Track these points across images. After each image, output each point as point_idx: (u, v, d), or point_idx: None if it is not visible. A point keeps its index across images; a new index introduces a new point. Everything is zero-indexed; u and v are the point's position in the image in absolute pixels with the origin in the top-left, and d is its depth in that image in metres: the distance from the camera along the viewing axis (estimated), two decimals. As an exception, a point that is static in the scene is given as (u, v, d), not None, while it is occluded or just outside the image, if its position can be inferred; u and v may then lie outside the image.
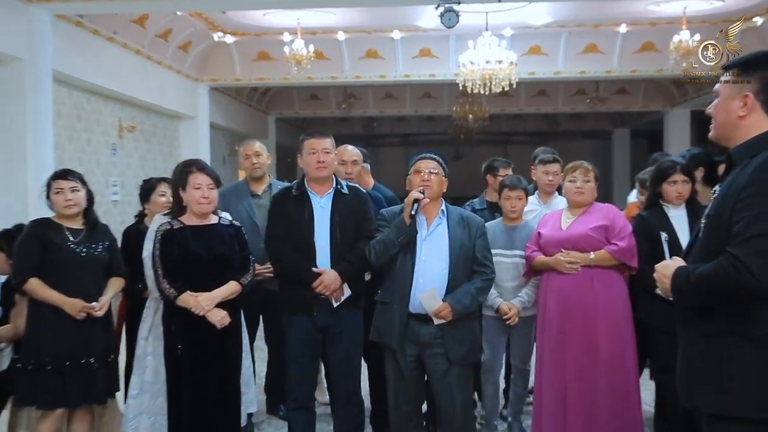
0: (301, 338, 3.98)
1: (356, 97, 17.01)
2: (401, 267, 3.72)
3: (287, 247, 3.96)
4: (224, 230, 3.92)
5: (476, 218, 3.93)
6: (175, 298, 3.72)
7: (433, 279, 3.70)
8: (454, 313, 3.66)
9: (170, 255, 3.74)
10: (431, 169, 3.77)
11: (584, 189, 4.19)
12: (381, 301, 3.83)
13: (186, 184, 3.82)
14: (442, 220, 3.80)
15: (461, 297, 3.70)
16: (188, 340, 3.75)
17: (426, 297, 3.66)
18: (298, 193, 4.04)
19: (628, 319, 4.05)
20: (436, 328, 3.69)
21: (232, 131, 15.12)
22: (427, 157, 3.84)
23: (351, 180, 4.69)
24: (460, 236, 3.77)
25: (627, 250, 4.01)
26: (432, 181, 3.75)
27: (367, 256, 3.80)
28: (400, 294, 3.71)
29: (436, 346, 3.72)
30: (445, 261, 3.73)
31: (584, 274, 4.04)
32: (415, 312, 3.71)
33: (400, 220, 3.70)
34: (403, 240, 3.69)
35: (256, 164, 4.95)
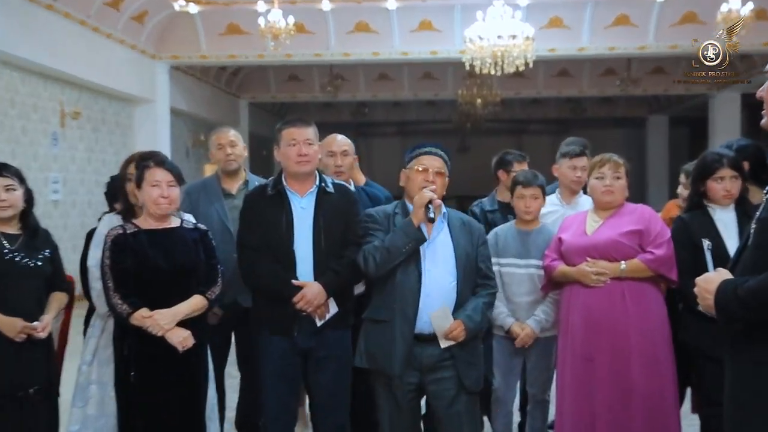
0: (279, 363, 3.98)
1: (344, 78, 17.04)
2: (403, 279, 3.72)
3: (262, 257, 3.96)
4: (187, 235, 3.92)
5: (476, 222, 3.99)
6: (129, 316, 3.71)
7: (442, 294, 3.72)
8: (468, 332, 3.70)
9: (123, 264, 3.73)
10: (437, 168, 3.80)
11: (614, 187, 4.20)
12: (374, 319, 3.83)
13: (142, 181, 3.83)
14: (443, 225, 3.83)
15: (473, 314, 3.73)
16: (143, 365, 3.74)
17: (438, 316, 3.68)
18: (274, 192, 4.04)
19: (666, 342, 4.06)
20: (441, 349, 3.72)
21: (197, 118, 15.13)
22: (432, 153, 3.86)
23: (341, 175, 4.70)
24: (464, 244, 3.81)
25: (665, 259, 4.02)
26: (437, 184, 3.78)
27: (361, 264, 3.79)
28: (402, 312, 3.71)
29: (443, 370, 3.74)
30: (452, 273, 3.76)
31: (613, 288, 4.05)
32: (418, 332, 3.72)
33: (407, 223, 3.70)
34: (411, 248, 3.70)
35: (230, 156, 4.93)
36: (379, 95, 18.02)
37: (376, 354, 3.79)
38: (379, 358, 3.77)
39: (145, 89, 12.07)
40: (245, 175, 5.01)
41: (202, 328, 3.92)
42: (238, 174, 4.99)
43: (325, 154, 4.75)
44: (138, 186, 3.86)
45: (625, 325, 4.00)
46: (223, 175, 4.98)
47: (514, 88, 17.11)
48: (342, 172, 4.73)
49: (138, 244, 3.78)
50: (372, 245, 3.75)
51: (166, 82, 12.56)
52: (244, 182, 4.94)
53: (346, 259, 3.96)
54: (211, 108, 15.56)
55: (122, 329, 3.80)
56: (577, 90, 17.44)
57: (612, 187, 4.21)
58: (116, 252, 3.76)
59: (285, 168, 4.07)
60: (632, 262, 4.04)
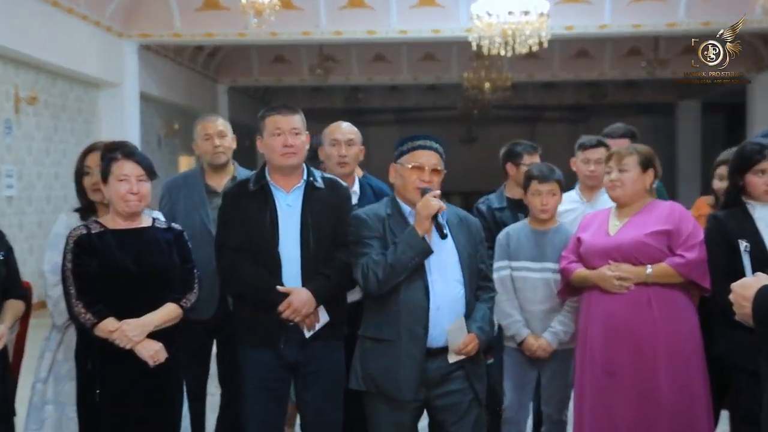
0: (263, 379, 3.99)
1: (336, 59, 17.05)
2: (409, 295, 3.73)
3: (243, 259, 3.98)
4: (160, 236, 3.92)
5: (472, 217, 4.03)
6: (93, 327, 3.70)
7: (452, 306, 3.76)
8: (480, 345, 3.79)
9: (86, 268, 3.74)
10: (434, 166, 3.82)
11: (622, 180, 4.21)
12: (374, 338, 3.84)
13: (108, 175, 3.83)
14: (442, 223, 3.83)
15: (483, 325, 3.82)
16: (109, 382, 3.74)
17: (454, 330, 3.73)
18: (257, 187, 4.05)
19: (698, 355, 4.07)
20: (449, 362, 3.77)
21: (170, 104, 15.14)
22: (427, 147, 3.86)
23: (345, 167, 4.71)
24: (465, 244, 3.84)
25: (696, 263, 4.02)
26: (434, 183, 3.80)
27: (360, 280, 3.80)
28: (410, 330, 3.72)
29: (452, 382, 3.78)
30: (459, 280, 3.79)
31: (638, 295, 4.05)
32: (427, 347, 3.75)
33: (411, 235, 3.70)
34: (417, 263, 3.71)
35: (219, 148, 4.90)
36: (374, 79, 18.03)
37: (377, 376, 3.79)
38: (381, 380, 3.78)
39: (110, 71, 12.06)
40: (234, 170, 4.99)
41: (176, 340, 3.93)
42: (226, 169, 4.97)
43: (328, 143, 4.77)
44: (104, 181, 3.85)
45: (651, 336, 4.01)
46: (209, 169, 4.95)
47: (527, 70, 17.13)
48: (346, 163, 4.74)
49: (104, 245, 3.78)
50: (371, 259, 3.74)
51: (134, 64, 12.55)
52: (232, 178, 4.92)
53: (338, 262, 3.97)
54: (185, 93, 15.55)
55: (86, 342, 3.80)
56: (598, 73, 17.47)
57: (617, 181, 4.22)
58: (79, 255, 3.76)
59: (269, 161, 4.08)
60: (660, 266, 4.04)
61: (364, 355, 3.86)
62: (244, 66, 17.52)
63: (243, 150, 19.70)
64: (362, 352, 3.87)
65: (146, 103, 13.61)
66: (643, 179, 4.21)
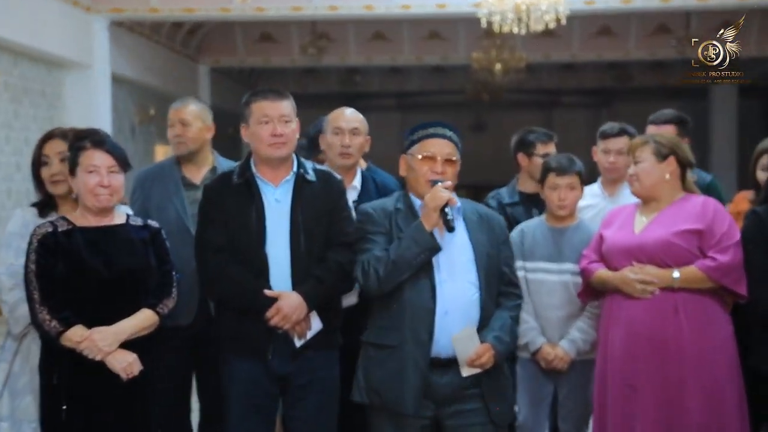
0: (248, 393, 4.01)
1: (330, 38, 17.04)
2: (413, 295, 3.74)
3: (226, 261, 3.99)
4: (135, 234, 3.94)
5: (496, 215, 4.02)
6: (59, 335, 3.71)
7: (462, 310, 3.75)
8: (497, 357, 3.73)
9: (52, 271, 3.75)
10: (447, 156, 3.81)
11: (637, 173, 4.22)
12: (378, 344, 3.85)
13: (76, 166, 3.85)
14: (459, 220, 3.84)
15: (502, 334, 3.77)
16: (78, 397, 3.75)
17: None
18: (241, 180, 4.07)
19: (731, 368, 4.07)
20: (462, 377, 3.75)
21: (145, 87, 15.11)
22: (440, 135, 3.87)
23: (349, 158, 4.75)
24: (485, 243, 3.83)
25: (730, 267, 4.02)
26: (448, 175, 3.80)
27: (360, 278, 3.81)
28: (415, 335, 3.72)
29: (466, 401, 3.76)
30: (474, 282, 3.78)
31: (664, 301, 4.06)
32: (434, 357, 3.74)
33: (417, 229, 3.71)
34: (423, 260, 3.71)
35: (179, 138, 4.91)
36: (373, 59, 17.99)
37: (380, 387, 3.80)
38: (385, 391, 3.78)
39: (78, 50, 12.02)
40: (213, 161, 5.00)
41: (152, 351, 3.94)
42: (202, 159, 4.95)
43: (331, 132, 4.79)
44: (71, 172, 3.87)
45: (678, 346, 4.02)
46: (184, 160, 4.97)
47: (543, 50, 17.09)
48: (350, 154, 4.76)
49: (72, 245, 3.78)
50: (373, 255, 3.76)
51: (105, 42, 12.50)
52: (212, 170, 4.93)
53: (332, 263, 3.99)
54: (162, 75, 15.51)
55: (51, 352, 3.81)
56: (622, 53, 17.42)
57: (633, 175, 4.24)
58: (44, 255, 3.76)
59: (255, 151, 4.09)
60: (688, 270, 4.04)
61: (368, 364, 3.87)
62: (228, 45, 17.48)
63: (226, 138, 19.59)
64: (365, 360, 3.89)
65: (118, 86, 13.57)
66: (661, 170, 4.19)
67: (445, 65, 19.49)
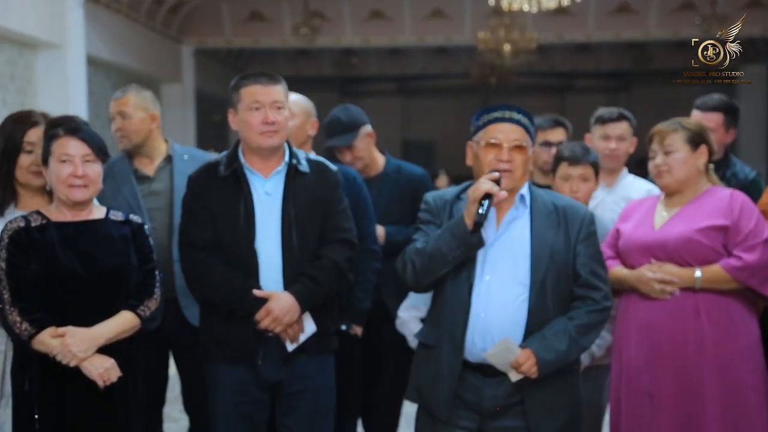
0: (236, 402, 4.03)
1: (325, 16, 17.04)
2: (452, 292, 3.70)
3: (213, 259, 4.01)
4: (115, 230, 3.93)
5: (580, 208, 3.85)
6: (31, 339, 3.72)
7: (503, 311, 3.65)
8: (541, 366, 3.59)
9: (23, 270, 3.76)
10: (515, 142, 3.70)
11: (668, 164, 4.19)
12: (423, 343, 3.86)
13: (49, 156, 3.86)
14: (522, 212, 3.75)
15: (553, 340, 3.62)
16: (51, 406, 3.76)
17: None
18: (229, 172, 4.08)
19: (758, 376, 4.06)
20: (511, 387, 3.67)
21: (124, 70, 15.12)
22: (507, 119, 3.74)
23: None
24: (551, 239, 3.71)
25: (757, 266, 4.01)
26: (515, 163, 3.68)
27: (400, 271, 3.78)
28: (450, 335, 3.69)
29: (511, 417, 3.69)
30: (524, 282, 3.67)
31: (685, 303, 4.06)
32: (475, 362, 3.69)
33: (457, 222, 3.64)
34: (461, 256, 3.64)
35: (121, 131, 4.92)
36: (371, 40, 17.99)
37: (422, 388, 3.81)
38: (426, 394, 3.78)
39: (50, 30, 11.99)
40: (166, 149, 4.97)
41: (133, 356, 3.95)
42: (152, 150, 4.93)
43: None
44: (44, 162, 3.87)
45: (699, 352, 4.02)
46: (133, 153, 4.95)
47: (555, 29, 17.11)
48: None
49: (46, 242, 3.79)
50: (414, 247, 3.72)
51: (79, 21, 12.47)
52: (166, 158, 4.93)
53: (326, 261, 4.02)
54: (142, 57, 15.52)
55: (23, 357, 3.81)
56: (642, 32, 17.44)
57: (663, 165, 4.20)
58: (15, 253, 3.77)
59: (244, 140, 4.10)
60: (711, 269, 4.03)
61: (416, 363, 3.89)
62: (214, 24, 17.48)
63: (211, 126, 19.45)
64: (417, 359, 3.90)
65: (95, 69, 13.58)
66: (695, 159, 4.18)
67: (449, 46, 19.51)
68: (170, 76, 16.86)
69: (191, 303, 4.42)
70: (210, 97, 18.00)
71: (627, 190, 4.92)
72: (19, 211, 4.03)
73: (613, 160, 5.12)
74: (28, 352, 3.75)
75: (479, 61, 18.67)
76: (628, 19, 17.16)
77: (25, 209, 4.01)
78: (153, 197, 4.78)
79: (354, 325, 4.81)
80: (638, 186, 5.14)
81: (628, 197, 5.01)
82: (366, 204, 4.82)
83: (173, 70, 16.97)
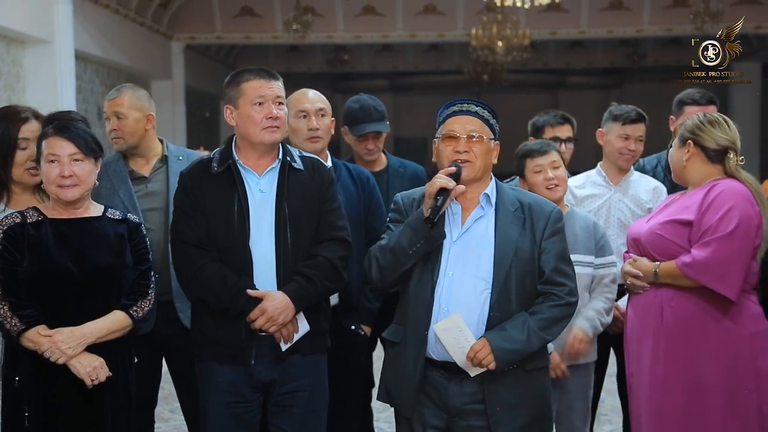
0: (228, 402, 4.03)
1: (316, 12, 17.03)
2: (417, 288, 3.74)
3: (206, 257, 4.00)
4: (111, 228, 3.93)
5: (547, 205, 3.87)
6: (21, 334, 3.73)
7: (467, 307, 3.68)
8: (498, 356, 3.59)
9: (17, 265, 3.78)
10: (472, 132, 3.75)
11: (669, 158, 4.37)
12: (390, 341, 3.87)
13: (41, 156, 3.86)
14: (487, 210, 3.79)
15: (511, 331, 3.63)
16: (39, 403, 3.77)
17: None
18: (222, 169, 4.06)
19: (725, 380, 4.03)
20: (476, 386, 3.69)
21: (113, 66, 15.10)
22: (464, 112, 3.82)
23: (319, 141, 4.80)
24: (516, 236, 3.74)
25: (707, 264, 3.97)
26: (473, 154, 3.73)
27: (366, 268, 3.82)
28: (414, 331, 3.73)
29: (472, 415, 3.71)
30: (487, 278, 3.70)
31: (652, 298, 4.14)
32: (440, 359, 3.71)
33: (416, 217, 3.69)
34: (422, 249, 3.67)
35: (116, 132, 4.89)
36: (363, 36, 18.00)
37: (390, 387, 3.83)
38: (394, 392, 3.81)
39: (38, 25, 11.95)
40: (162, 150, 4.97)
41: (124, 356, 3.95)
42: (148, 150, 4.91)
43: (294, 115, 4.80)
44: (37, 161, 3.89)
45: (667, 348, 4.07)
46: (128, 153, 4.93)
47: (549, 25, 17.13)
48: (319, 137, 4.82)
49: (40, 238, 3.81)
50: (379, 244, 3.77)
51: (68, 16, 12.43)
52: (161, 159, 4.92)
53: (321, 260, 4.01)
54: (132, 53, 15.49)
55: (14, 353, 3.82)
56: (635, 28, 17.47)
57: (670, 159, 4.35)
58: (8, 248, 3.78)
59: (243, 135, 4.07)
60: (667, 265, 4.09)
61: (385, 363, 3.90)
62: (205, 20, 17.47)
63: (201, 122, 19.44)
64: (385, 358, 3.92)
65: (83, 65, 13.57)
66: (681, 155, 4.23)
67: (441, 42, 19.53)
68: (160, 72, 16.84)
69: (187, 306, 4.39)
70: (200, 94, 17.98)
71: (635, 188, 4.94)
72: (11, 209, 4.04)
73: (629, 161, 5.17)
74: (18, 348, 3.76)
75: (472, 57, 18.70)
76: (620, 15, 17.19)
77: (17, 207, 4.02)
78: (148, 198, 4.77)
79: (363, 325, 4.85)
80: (646, 183, 5.19)
81: (636, 196, 5.09)
82: (379, 204, 4.90)
83: (163, 66, 16.95)
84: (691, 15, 16.32)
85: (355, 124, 5.20)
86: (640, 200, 5.09)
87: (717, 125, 4.19)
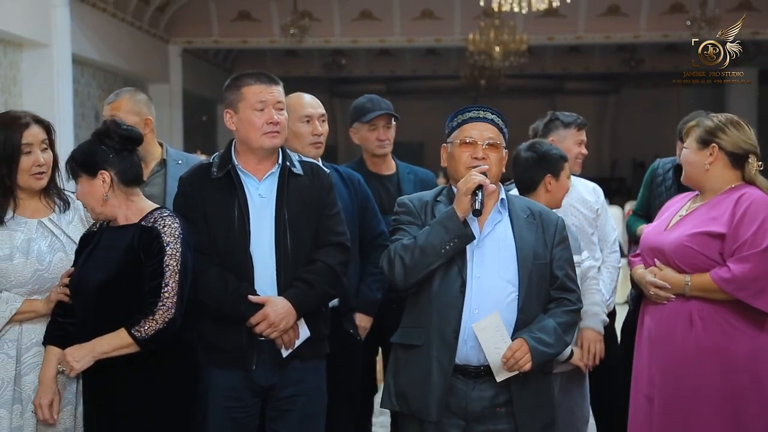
0: (228, 406, 4.03)
1: (313, 17, 17.04)
2: (442, 289, 3.71)
3: (206, 263, 4.00)
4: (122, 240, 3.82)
5: (552, 214, 3.94)
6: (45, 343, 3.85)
7: (497, 308, 3.66)
8: (535, 356, 3.61)
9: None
10: (490, 140, 3.77)
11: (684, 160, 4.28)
12: (405, 344, 3.84)
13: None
14: (503, 215, 3.82)
15: (541, 334, 3.66)
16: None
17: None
18: (221, 174, 4.06)
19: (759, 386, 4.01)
20: (495, 389, 3.69)
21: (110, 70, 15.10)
22: (481, 119, 3.83)
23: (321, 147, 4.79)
24: (532, 242, 3.77)
25: (747, 279, 3.94)
26: (491, 160, 3.75)
27: (385, 268, 3.76)
28: (440, 333, 3.70)
29: (496, 420, 3.70)
30: (513, 281, 3.72)
31: (679, 310, 4.07)
32: (462, 364, 3.71)
33: (449, 215, 3.67)
34: (454, 248, 3.66)
35: None
36: (360, 41, 18.02)
37: (408, 392, 3.78)
38: (412, 397, 3.76)
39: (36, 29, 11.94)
40: (161, 153, 4.97)
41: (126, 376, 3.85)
42: (147, 154, 4.84)
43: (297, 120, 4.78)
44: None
45: (695, 359, 4.01)
46: None
47: (546, 31, 17.15)
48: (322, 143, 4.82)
49: (87, 249, 3.88)
50: (401, 243, 3.72)
51: (65, 19, 12.43)
52: (160, 162, 4.93)
53: (321, 266, 4.01)
54: (129, 56, 15.49)
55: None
56: (632, 34, 17.49)
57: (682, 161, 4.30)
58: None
59: (244, 140, 4.07)
60: (701, 278, 4.02)
61: (396, 367, 3.86)
62: (202, 24, 17.46)
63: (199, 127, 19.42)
64: (394, 363, 3.87)
65: (80, 68, 13.56)
66: (702, 159, 4.15)
67: (438, 47, 19.54)
68: (157, 75, 16.84)
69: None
70: (197, 98, 17.98)
71: (577, 191, 4.94)
72: (19, 216, 4.02)
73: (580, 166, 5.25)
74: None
75: (469, 62, 18.72)
76: (618, 21, 17.22)
77: (25, 214, 4.02)
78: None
79: (364, 316, 4.86)
80: (583, 185, 5.16)
81: (581, 198, 5.05)
82: (373, 205, 4.93)
83: (160, 69, 16.94)
84: (688, 21, 16.33)
85: (365, 113, 5.23)
86: (587, 202, 5.06)
87: (740, 128, 4.14)
